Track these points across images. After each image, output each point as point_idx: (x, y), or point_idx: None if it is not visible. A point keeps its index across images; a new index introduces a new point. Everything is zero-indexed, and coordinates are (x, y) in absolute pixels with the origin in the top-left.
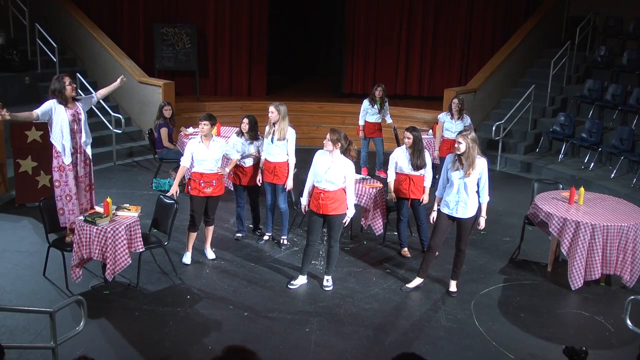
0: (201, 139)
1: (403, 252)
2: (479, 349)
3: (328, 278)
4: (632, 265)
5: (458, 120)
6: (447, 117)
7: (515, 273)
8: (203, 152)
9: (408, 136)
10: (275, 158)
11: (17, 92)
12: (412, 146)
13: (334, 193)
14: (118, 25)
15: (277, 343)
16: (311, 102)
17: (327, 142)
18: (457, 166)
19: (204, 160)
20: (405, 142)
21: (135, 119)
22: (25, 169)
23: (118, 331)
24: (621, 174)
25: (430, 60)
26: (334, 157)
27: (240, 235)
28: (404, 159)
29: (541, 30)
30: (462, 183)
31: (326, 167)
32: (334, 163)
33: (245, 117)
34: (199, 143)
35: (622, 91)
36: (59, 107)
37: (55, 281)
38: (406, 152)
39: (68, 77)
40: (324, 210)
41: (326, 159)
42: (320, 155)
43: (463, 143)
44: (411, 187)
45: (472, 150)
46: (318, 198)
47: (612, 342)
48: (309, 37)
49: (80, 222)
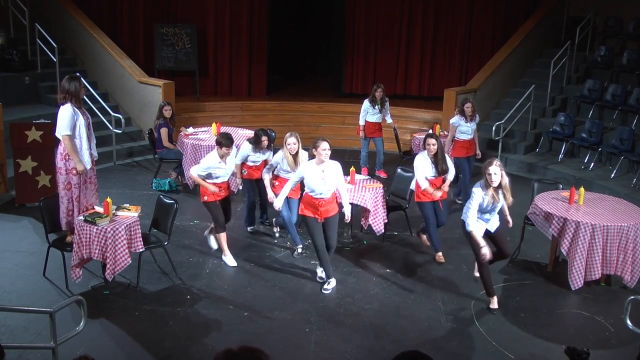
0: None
1: (437, 257)
2: (479, 349)
3: (330, 280)
4: (632, 266)
5: (471, 122)
6: (462, 120)
7: (515, 273)
8: (222, 169)
9: (432, 142)
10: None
11: (17, 92)
12: (435, 153)
13: (331, 197)
14: (118, 25)
15: (277, 343)
16: (311, 102)
17: (327, 152)
18: (493, 200)
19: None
20: (430, 149)
21: (135, 119)
22: (25, 169)
23: (118, 331)
24: (621, 174)
25: (430, 60)
26: (324, 164)
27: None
28: (428, 167)
29: (541, 30)
30: (497, 209)
31: (321, 178)
32: (327, 172)
33: (264, 133)
34: (219, 163)
35: (622, 91)
36: (76, 111)
37: (55, 281)
38: (429, 158)
39: (79, 79)
40: (325, 215)
41: (317, 170)
42: (308, 169)
43: (499, 174)
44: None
45: (504, 179)
46: (316, 206)
47: (612, 342)
48: (309, 37)
49: (80, 222)
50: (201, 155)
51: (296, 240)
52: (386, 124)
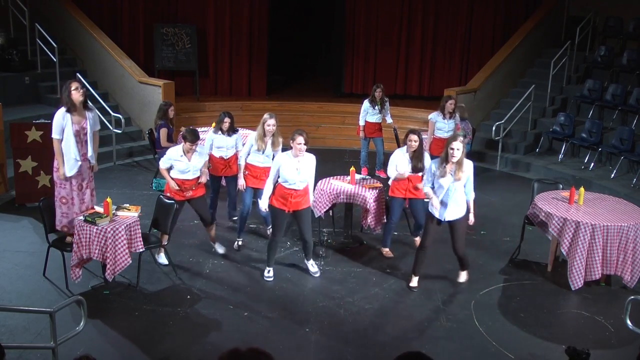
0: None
1: (385, 252)
2: (479, 349)
3: (313, 263)
4: (632, 266)
5: (450, 120)
6: (439, 117)
7: (515, 273)
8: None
9: (414, 139)
10: (263, 164)
11: (17, 92)
12: (415, 150)
13: (304, 190)
14: (118, 25)
15: (277, 343)
16: (311, 102)
17: (302, 146)
18: (445, 171)
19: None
20: (411, 146)
21: (135, 119)
22: (25, 169)
23: (118, 331)
24: (621, 174)
25: (430, 60)
26: (300, 157)
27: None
28: (405, 162)
29: (541, 30)
30: (452, 187)
31: (295, 168)
32: (302, 163)
33: (227, 115)
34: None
35: (622, 91)
36: (67, 117)
37: (55, 281)
38: (407, 154)
39: (76, 82)
40: (295, 207)
41: (292, 161)
42: (284, 159)
43: (461, 151)
44: (409, 188)
45: (462, 155)
46: (287, 197)
47: (612, 342)
48: (309, 37)
49: (80, 222)
50: None
51: (239, 233)
52: (386, 124)
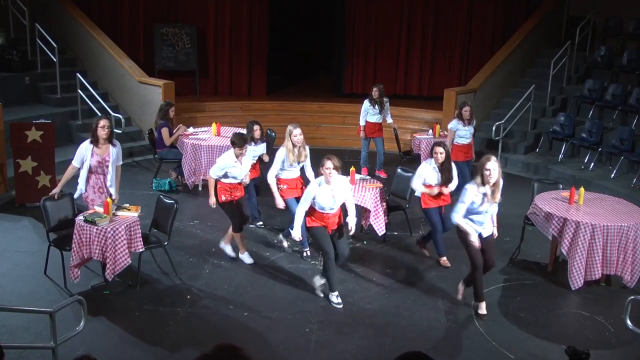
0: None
1: (442, 261)
2: (479, 349)
3: (337, 294)
4: (632, 266)
5: (469, 125)
6: (460, 124)
7: (515, 273)
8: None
9: (440, 151)
10: (296, 175)
11: (17, 92)
12: (443, 162)
13: (338, 210)
14: (118, 25)
15: (277, 343)
16: (311, 102)
17: (332, 171)
18: (484, 198)
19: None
20: (437, 158)
21: (135, 119)
22: (25, 169)
23: (118, 331)
24: (621, 174)
25: (430, 60)
26: (333, 182)
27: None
28: (433, 175)
29: (541, 30)
30: (489, 208)
31: (331, 196)
32: (336, 190)
33: (255, 123)
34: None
35: (622, 91)
36: (89, 148)
37: (55, 281)
38: (434, 167)
39: (104, 120)
40: (332, 227)
41: (326, 189)
42: (318, 189)
43: (496, 171)
44: (442, 196)
45: (499, 175)
46: (323, 219)
47: (612, 342)
48: (309, 37)
49: (80, 222)
50: (201, 156)
51: (304, 243)
52: (386, 124)
